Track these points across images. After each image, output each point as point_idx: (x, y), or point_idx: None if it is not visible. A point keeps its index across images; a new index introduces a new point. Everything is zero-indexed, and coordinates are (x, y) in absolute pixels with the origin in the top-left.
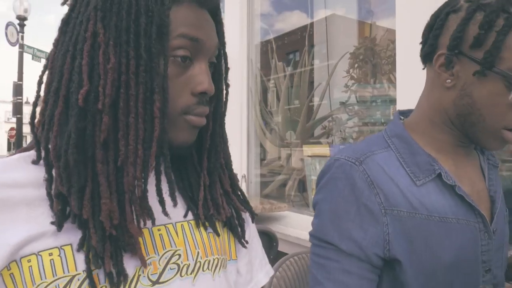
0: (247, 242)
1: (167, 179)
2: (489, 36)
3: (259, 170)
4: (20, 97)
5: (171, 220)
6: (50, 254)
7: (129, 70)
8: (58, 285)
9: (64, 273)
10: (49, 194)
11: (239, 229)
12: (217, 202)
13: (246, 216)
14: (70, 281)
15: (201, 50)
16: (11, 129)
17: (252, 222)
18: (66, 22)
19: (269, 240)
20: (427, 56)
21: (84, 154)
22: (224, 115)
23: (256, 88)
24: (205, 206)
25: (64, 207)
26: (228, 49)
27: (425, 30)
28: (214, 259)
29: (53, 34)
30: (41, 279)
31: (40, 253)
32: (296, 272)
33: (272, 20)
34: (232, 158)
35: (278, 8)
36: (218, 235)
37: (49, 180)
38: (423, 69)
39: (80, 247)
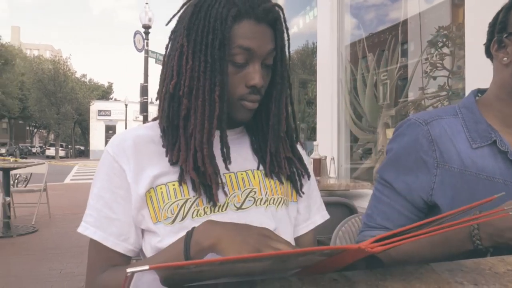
0: (303, 193)
1: (224, 146)
2: None
3: (349, 156)
4: (146, 97)
5: (250, 168)
6: (173, 185)
7: (200, 69)
8: (178, 204)
9: (181, 196)
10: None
11: (298, 184)
12: (280, 165)
13: (306, 178)
14: (185, 202)
15: (254, 55)
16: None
17: (308, 179)
18: (173, 33)
19: (350, 212)
20: (487, 49)
21: (173, 123)
22: (282, 101)
23: (346, 79)
24: (271, 167)
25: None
26: (319, 43)
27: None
28: (278, 197)
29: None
30: (168, 200)
31: (167, 184)
32: (358, 228)
33: (363, 12)
34: (323, 143)
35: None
36: (282, 183)
37: (162, 137)
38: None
39: (180, 180)
